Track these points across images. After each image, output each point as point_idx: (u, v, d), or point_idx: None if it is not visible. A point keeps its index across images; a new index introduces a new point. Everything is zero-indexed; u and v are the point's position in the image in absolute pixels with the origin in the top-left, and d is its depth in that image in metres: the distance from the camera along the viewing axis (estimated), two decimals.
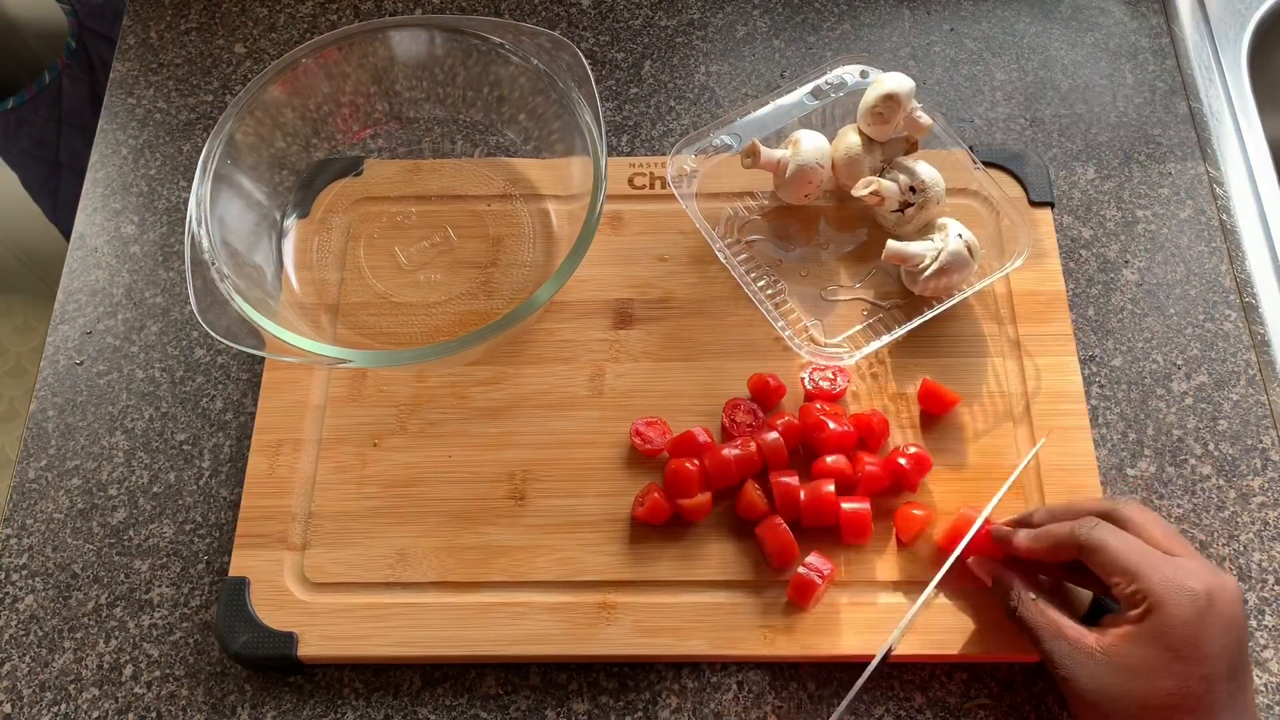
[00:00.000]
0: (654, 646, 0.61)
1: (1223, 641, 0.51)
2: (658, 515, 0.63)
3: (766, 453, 0.63)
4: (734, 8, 0.86)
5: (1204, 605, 0.51)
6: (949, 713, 0.61)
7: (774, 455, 0.63)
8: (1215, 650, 0.50)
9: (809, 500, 0.62)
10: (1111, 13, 0.85)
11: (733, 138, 0.72)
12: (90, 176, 0.81)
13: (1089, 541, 0.54)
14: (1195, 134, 0.79)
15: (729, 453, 0.63)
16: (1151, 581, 0.51)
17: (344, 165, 0.77)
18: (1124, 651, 0.52)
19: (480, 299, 0.72)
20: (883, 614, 0.61)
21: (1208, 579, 0.52)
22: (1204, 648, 0.50)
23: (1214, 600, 0.51)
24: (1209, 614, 0.51)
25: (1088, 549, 0.54)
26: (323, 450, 0.67)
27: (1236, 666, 0.51)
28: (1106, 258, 0.74)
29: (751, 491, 0.63)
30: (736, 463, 0.63)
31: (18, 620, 0.65)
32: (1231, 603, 0.52)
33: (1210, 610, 0.51)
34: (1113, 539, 0.53)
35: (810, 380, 0.67)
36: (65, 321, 0.75)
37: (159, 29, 0.88)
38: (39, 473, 0.70)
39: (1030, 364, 0.68)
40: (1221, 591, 0.51)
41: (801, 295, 0.71)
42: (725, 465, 0.63)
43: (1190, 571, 0.52)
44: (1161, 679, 0.51)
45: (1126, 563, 0.52)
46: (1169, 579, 0.51)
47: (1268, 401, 0.69)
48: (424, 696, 0.62)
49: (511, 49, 0.72)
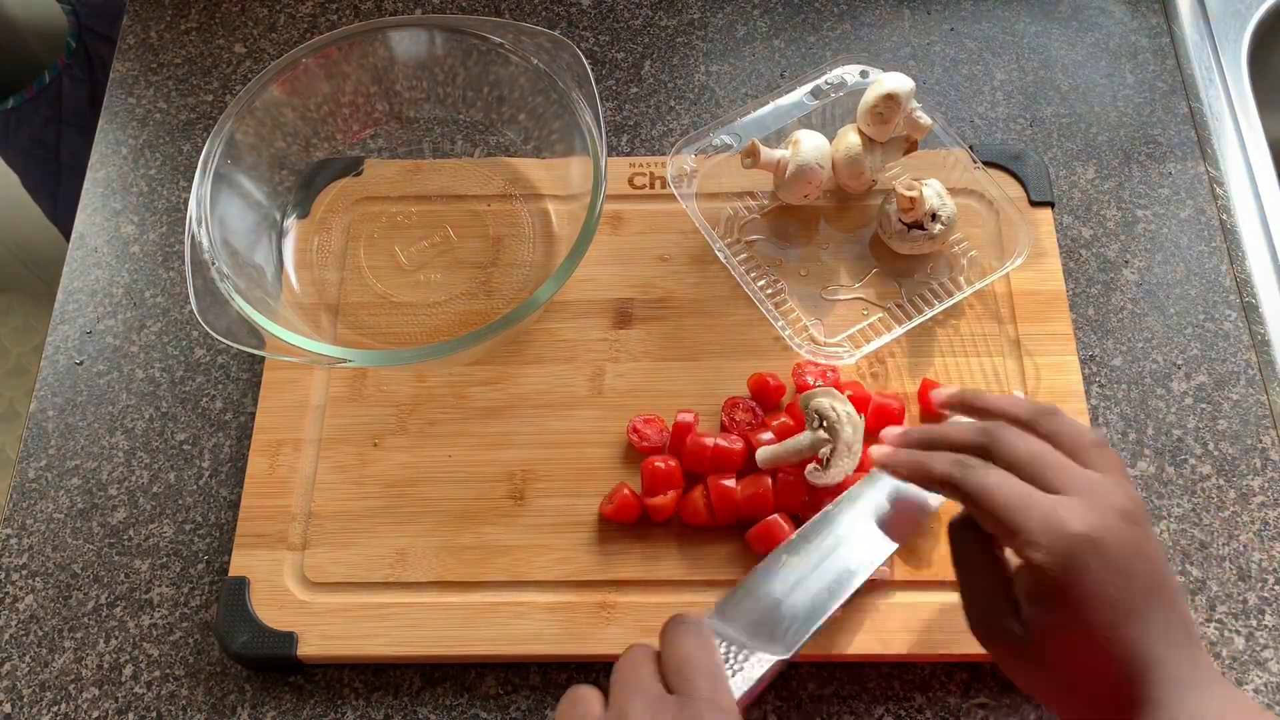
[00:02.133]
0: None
1: (1116, 583, 0.45)
2: (627, 513, 0.63)
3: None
4: (734, 8, 0.86)
5: (1084, 549, 0.45)
6: (949, 713, 0.61)
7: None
8: (1106, 594, 0.45)
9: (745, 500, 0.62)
10: (1111, 13, 0.85)
11: (733, 138, 0.72)
12: (90, 176, 0.81)
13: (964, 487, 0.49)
14: (1195, 134, 0.79)
15: (709, 441, 0.63)
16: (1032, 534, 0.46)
17: (344, 165, 0.77)
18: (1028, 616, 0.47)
19: (480, 299, 0.72)
20: (883, 614, 0.61)
21: (1088, 517, 0.46)
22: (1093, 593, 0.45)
23: (1096, 542, 0.45)
24: (1090, 558, 0.45)
25: (965, 496, 0.49)
26: (323, 450, 0.67)
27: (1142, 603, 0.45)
28: (1106, 257, 0.74)
29: (698, 499, 0.63)
30: (713, 452, 0.63)
31: (18, 620, 0.65)
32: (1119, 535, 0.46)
33: (1092, 554, 0.45)
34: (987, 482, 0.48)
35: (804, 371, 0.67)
36: (65, 321, 0.75)
37: (159, 29, 0.88)
38: (39, 473, 0.70)
39: (1030, 364, 0.68)
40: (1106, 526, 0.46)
41: (801, 295, 0.71)
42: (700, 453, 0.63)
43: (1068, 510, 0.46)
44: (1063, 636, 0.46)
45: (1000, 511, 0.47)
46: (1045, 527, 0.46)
47: (1268, 401, 0.69)
48: (424, 696, 0.62)
49: (511, 49, 0.72)
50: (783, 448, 0.62)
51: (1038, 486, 0.48)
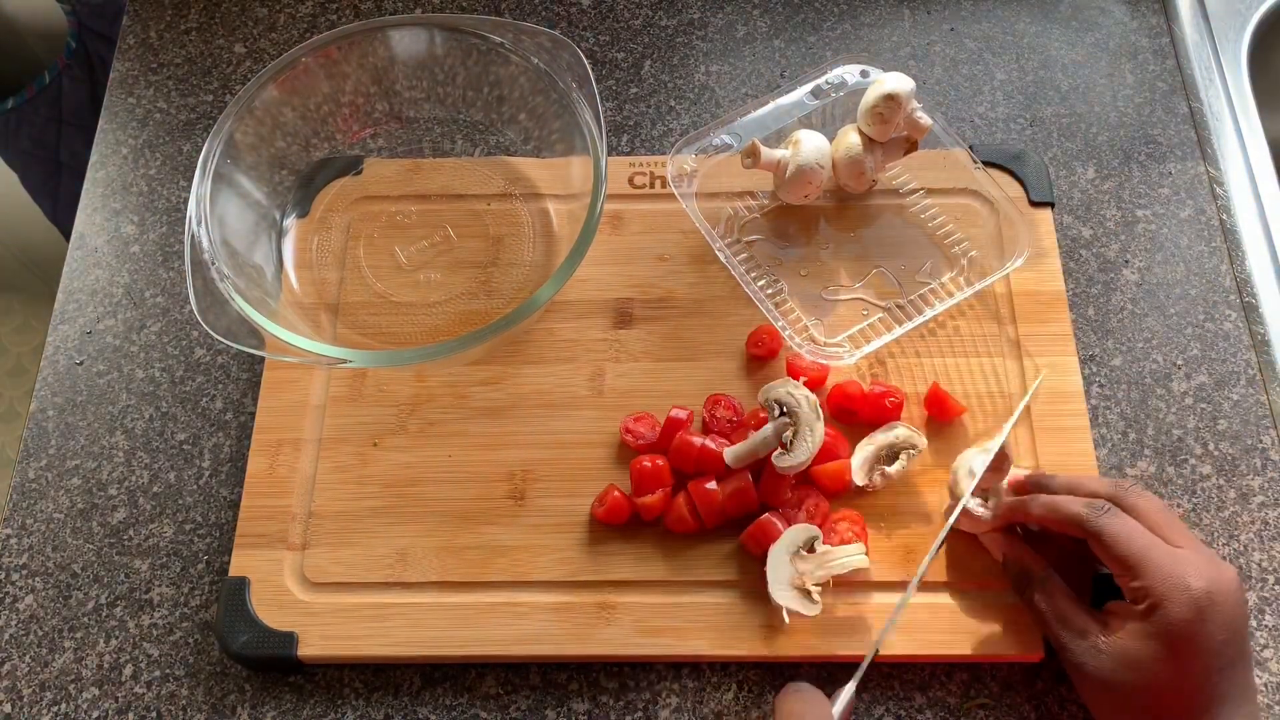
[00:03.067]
0: (654, 646, 0.61)
1: (1221, 637, 0.52)
2: (618, 514, 0.63)
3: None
4: (734, 8, 0.86)
5: (1204, 604, 0.52)
6: (949, 713, 0.61)
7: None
8: (1213, 646, 0.52)
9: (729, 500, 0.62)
10: (1111, 13, 0.85)
11: (733, 137, 0.72)
12: (90, 176, 0.81)
13: (1095, 527, 0.55)
14: (1195, 134, 0.79)
15: (696, 441, 0.63)
16: (1153, 580, 0.53)
17: (344, 165, 0.77)
18: (1125, 644, 0.53)
19: (480, 299, 0.72)
20: (882, 614, 0.61)
21: (1208, 573, 0.52)
22: (1202, 643, 0.52)
23: (1213, 598, 0.52)
24: (1208, 611, 0.52)
25: (1093, 534, 0.55)
26: (323, 450, 0.67)
27: (1235, 658, 0.52)
28: (1106, 257, 0.74)
29: (682, 506, 0.63)
30: (699, 452, 0.63)
31: (18, 620, 0.65)
32: (1230, 596, 0.52)
33: (1210, 608, 0.52)
34: (1120, 529, 0.54)
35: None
36: (65, 321, 0.75)
37: (159, 29, 0.88)
38: (39, 473, 0.70)
39: (1030, 364, 0.68)
40: (1221, 585, 0.52)
41: (801, 295, 0.71)
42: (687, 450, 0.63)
43: (1191, 567, 0.53)
44: (1162, 671, 0.52)
45: (1129, 554, 0.54)
46: (1169, 577, 0.52)
47: (1268, 401, 0.69)
48: (424, 696, 0.62)
49: (511, 48, 0.72)
50: (748, 444, 0.62)
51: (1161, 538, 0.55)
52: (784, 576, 0.60)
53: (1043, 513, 0.58)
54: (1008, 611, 0.61)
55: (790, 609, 0.59)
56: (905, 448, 0.64)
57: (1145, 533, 0.54)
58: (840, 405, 0.66)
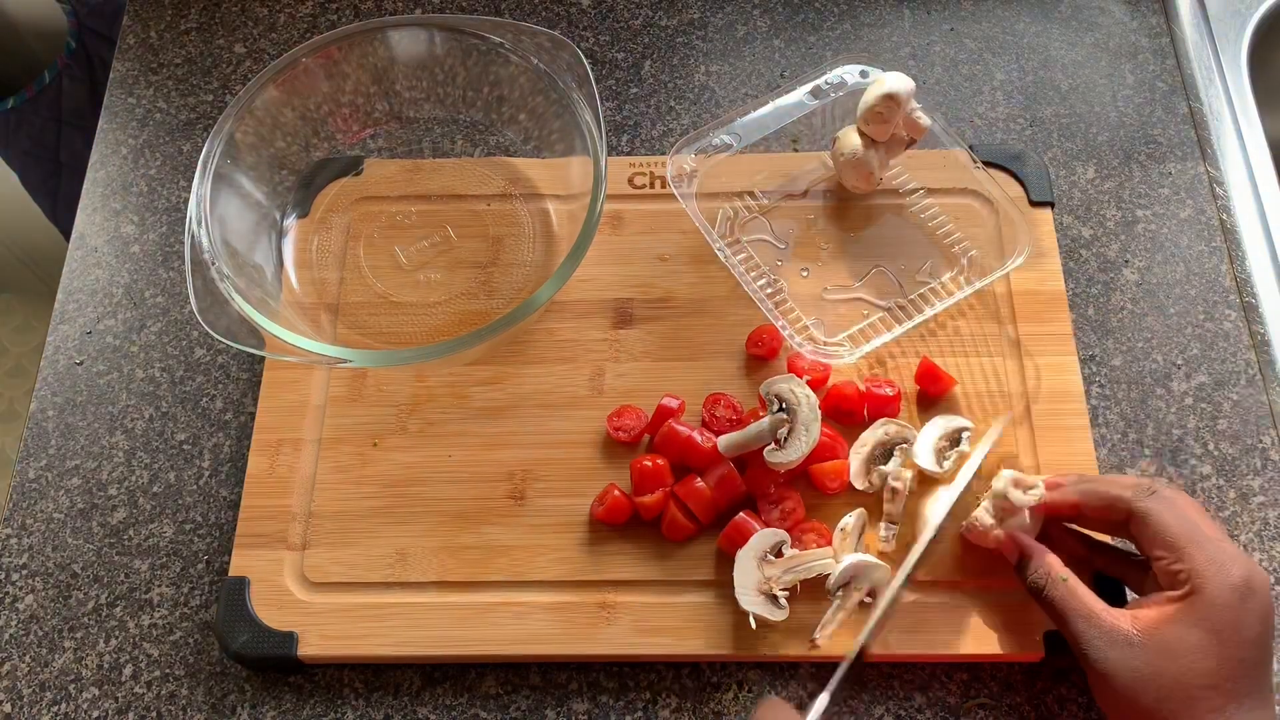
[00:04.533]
0: (654, 646, 0.61)
1: (1259, 628, 0.52)
2: (618, 514, 0.63)
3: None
4: (734, 8, 0.86)
5: (1244, 591, 0.51)
6: (949, 713, 0.61)
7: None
8: (1252, 635, 0.51)
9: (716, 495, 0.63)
10: (1111, 13, 0.85)
11: (733, 137, 0.72)
12: (90, 176, 0.81)
13: (1142, 508, 0.54)
14: (1195, 134, 0.79)
15: (683, 430, 0.63)
16: (1197, 561, 0.52)
17: (344, 165, 0.77)
18: (1163, 633, 0.52)
19: (480, 299, 0.72)
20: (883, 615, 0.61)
21: (1245, 564, 0.52)
22: (1243, 632, 0.51)
23: (1251, 587, 0.52)
24: (1249, 599, 0.51)
25: (1139, 515, 0.54)
26: (323, 450, 0.67)
27: (1264, 656, 0.52)
28: (1106, 257, 0.74)
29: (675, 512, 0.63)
30: (685, 441, 0.63)
31: (18, 620, 0.65)
32: (1265, 590, 0.52)
33: (1250, 596, 0.51)
34: (1166, 509, 0.54)
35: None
36: (65, 321, 0.75)
37: (159, 29, 0.88)
38: (39, 473, 0.70)
39: (1030, 364, 0.68)
40: (1256, 578, 0.52)
41: (801, 295, 0.71)
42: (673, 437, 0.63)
43: (1232, 555, 0.53)
44: (1201, 660, 0.51)
45: (1175, 537, 0.53)
46: (1213, 561, 0.52)
47: (1268, 401, 0.69)
48: (424, 696, 0.62)
49: (511, 49, 0.72)
50: (744, 434, 0.63)
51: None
52: (750, 581, 0.59)
53: (1082, 497, 0.57)
54: (1008, 611, 0.61)
55: (757, 614, 0.59)
56: (896, 443, 0.64)
57: (1188, 517, 0.54)
58: (837, 406, 0.66)
